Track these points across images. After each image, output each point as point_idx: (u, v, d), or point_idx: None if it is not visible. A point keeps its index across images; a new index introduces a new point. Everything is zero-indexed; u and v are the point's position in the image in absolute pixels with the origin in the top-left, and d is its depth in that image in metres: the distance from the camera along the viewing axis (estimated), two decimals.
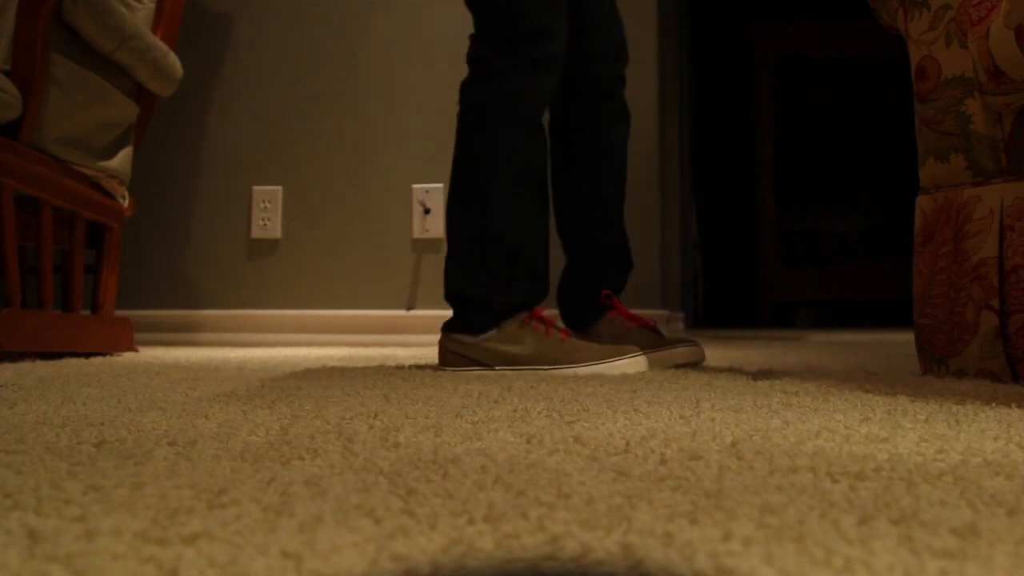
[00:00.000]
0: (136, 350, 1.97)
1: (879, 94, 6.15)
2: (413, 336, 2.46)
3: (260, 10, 2.63)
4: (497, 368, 1.29)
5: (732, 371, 1.29)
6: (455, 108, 1.40)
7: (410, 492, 0.44)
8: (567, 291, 1.52)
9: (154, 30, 1.94)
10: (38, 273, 1.68)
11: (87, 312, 1.92)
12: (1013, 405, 0.80)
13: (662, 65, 3.39)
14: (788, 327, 5.33)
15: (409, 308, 2.50)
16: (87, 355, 1.75)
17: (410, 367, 1.39)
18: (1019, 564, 0.32)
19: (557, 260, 1.63)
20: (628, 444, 0.58)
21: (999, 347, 1.08)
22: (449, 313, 1.47)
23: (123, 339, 1.92)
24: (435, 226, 2.49)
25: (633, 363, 1.27)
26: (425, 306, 2.49)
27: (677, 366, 1.35)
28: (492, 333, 1.30)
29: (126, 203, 1.91)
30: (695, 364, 1.39)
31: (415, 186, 2.52)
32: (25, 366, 1.38)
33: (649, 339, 1.40)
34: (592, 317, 1.48)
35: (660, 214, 3.30)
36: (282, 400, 0.85)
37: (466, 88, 1.35)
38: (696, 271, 5.41)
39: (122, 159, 1.86)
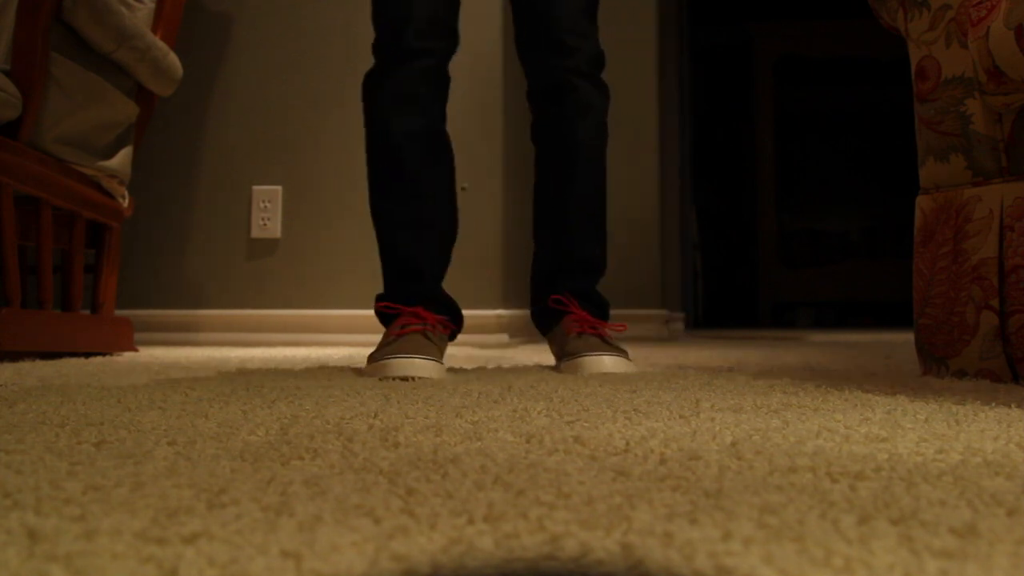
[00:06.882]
0: (136, 350, 1.97)
1: (879, 94, 6.15)
2: None
3: (260, 10, 2.62)
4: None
5: (732, 371, 1.29)
6: (455, 107, 1.39)
7: (410, 492, 0.44)
8: (532, 296, 1.48)
9: (154, 30, 1.94)
10: (38, 273, 1.67)
11: (87, 312, 1.92)
12: (1013, 405, 0.80)
13: (662, 65, 3.40)
14: (788, 327, 5.33)
15: None
16: (87, 355, 1.75)
17: None
18: (1019, 564, 0.32)
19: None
20: (628, 444, 0.58)
21: (999, 347, 1.08)
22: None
23: (123, 339, 1.92)
24: None
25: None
26: None
27: (593, 375, 1.21)
28: None
29: (126, 203, 1.91)
30: (623, 375, 1.21)
31: None
32: (25, 366, 1.38)
33: (586, 345, 1.31)
34: (549, 322, 1.43)
35: (660, 214, 3.30)
36: (282, 400, 0.85)
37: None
38: (696, 271, 5.41)
39: (122, 159, 1.86)
